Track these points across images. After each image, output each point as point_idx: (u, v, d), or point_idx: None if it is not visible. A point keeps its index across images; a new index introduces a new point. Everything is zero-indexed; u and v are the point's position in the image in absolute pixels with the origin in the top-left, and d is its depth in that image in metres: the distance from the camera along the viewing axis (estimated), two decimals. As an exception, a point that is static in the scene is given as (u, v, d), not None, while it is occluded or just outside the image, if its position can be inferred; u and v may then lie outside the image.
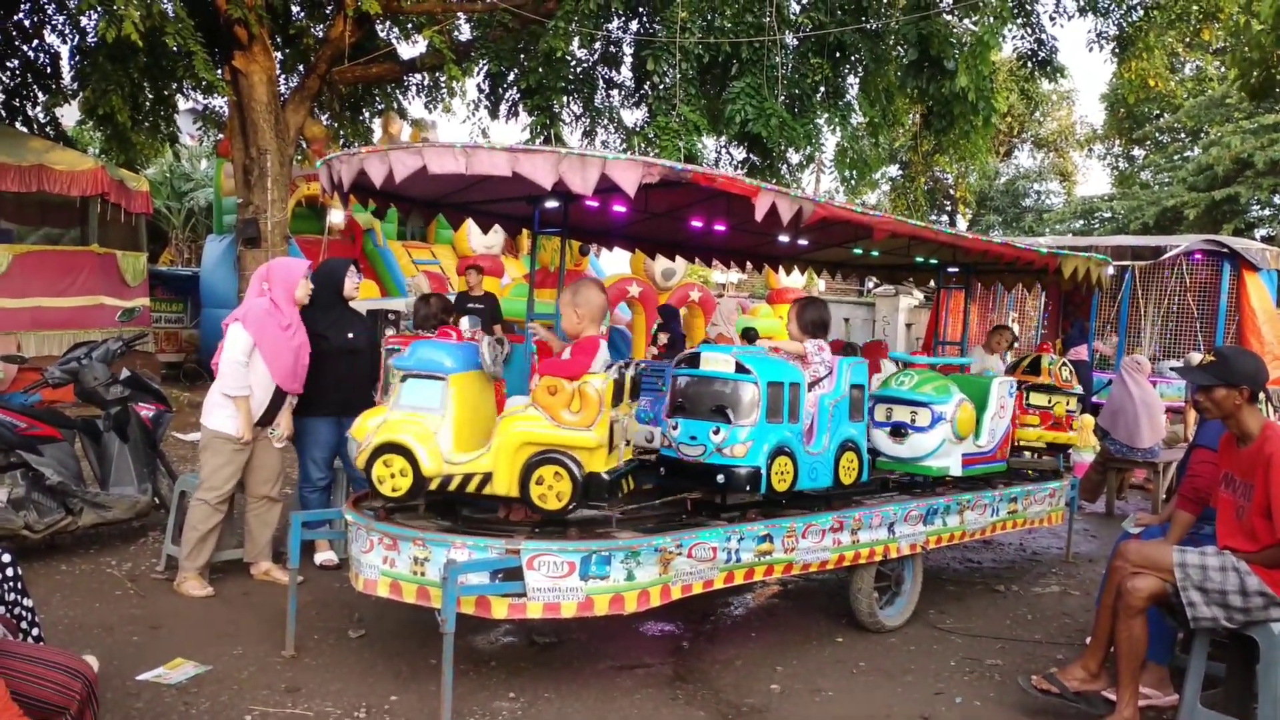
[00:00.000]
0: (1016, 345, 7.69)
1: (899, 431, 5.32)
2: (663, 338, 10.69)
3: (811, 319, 5.02)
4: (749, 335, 14.68)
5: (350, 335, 5.58)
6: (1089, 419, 9.37)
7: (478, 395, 4.18)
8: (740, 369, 4.33)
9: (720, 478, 4.23)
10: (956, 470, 5.37)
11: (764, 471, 4.24)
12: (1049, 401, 6.37)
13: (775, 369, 4.40)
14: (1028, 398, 6.35)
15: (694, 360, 4.52)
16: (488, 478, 3.92)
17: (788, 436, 4.38)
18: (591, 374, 3.96)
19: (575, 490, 3.84)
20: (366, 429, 3.99)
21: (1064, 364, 6.50)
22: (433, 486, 3.91)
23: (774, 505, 4.55)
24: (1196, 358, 8.48)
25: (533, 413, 3.91)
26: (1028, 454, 6.49)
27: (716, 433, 4.26)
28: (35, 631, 3.41)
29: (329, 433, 5.54)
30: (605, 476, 3.91)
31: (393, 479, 3.89)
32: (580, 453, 3.87)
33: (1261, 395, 5.53)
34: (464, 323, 5.60)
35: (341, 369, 5.44)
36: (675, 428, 4.42)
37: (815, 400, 4.67)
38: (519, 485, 3.87)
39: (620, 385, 4.11)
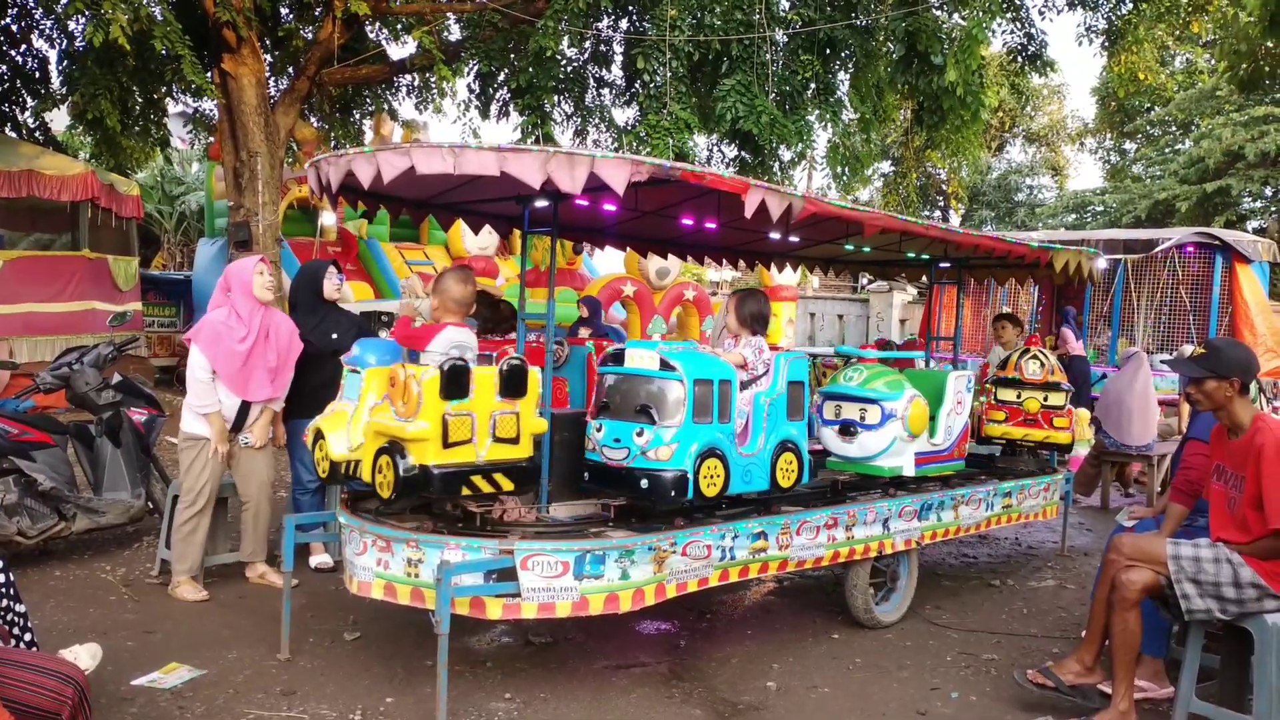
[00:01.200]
0: (1023, 334, 7.42)
1: (848, 430, 5.13)
2: (584, 332, 9.65)
3: (751, 312, 4.84)
4: None
5: (334, 336, 5.56)
6: (1084, 413, 9.38)
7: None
8: (665, 366, 4.12)
9: (644, 483, 4.03)
10: (909, 470, 5.18)
11: (691, 475, 4.02)
12: (1017, 397, 6.32)
13: (703, 365, 4.20)
14: (996, 393, 6.40)
15: (620, 358, 4.34)
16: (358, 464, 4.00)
17: (718, 438, 4.17)
18: (419, 365, 3.86)
19: (397, 482, 3.71)
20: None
21: (1034, 355, 6.38)
22: (342, 471, 4.05)
23: (706, 511, 4.34)
24: (1189, 350, 8.51)
25: (384, 403, 3.90)
26: (1028, 452, 6.50)
27: (640, 434, 4.05)
28: (28, 638, 3.41)
29: None
30: (435, 470, 3.73)
31: (320, 462, 4.11)
32: (408, 445, 3.73)
33: (1254, 387, 5.54)
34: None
35: (327, 371, 5.41)
36: (599, 430, 4.24)
37: (750, 399, 4.47)
38: (370, 473, 3.88)
39: (460, 378, 3.80)
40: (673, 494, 4.02)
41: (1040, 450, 6.49)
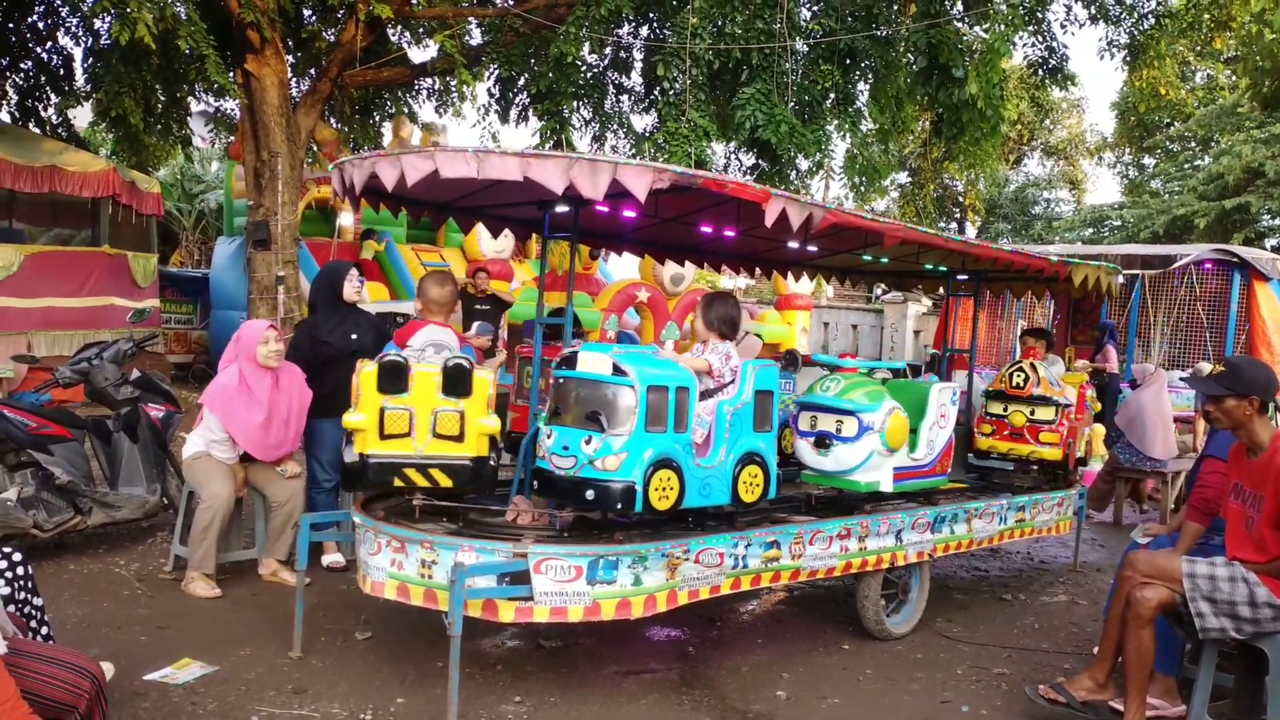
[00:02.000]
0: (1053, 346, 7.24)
1: (823, 442, 4.83)
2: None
3: (719, 316, 4.55)
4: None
5: (354, 337, 5.59)
6: (1099, 429, 9.34)
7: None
8: (617, 370, 3.89)
9: (590, 493, 3.83)
10: (887, 486, 4.90)
11: (640, 487, 3.81)
12: (1004, 410, 6.23)
13: (659, 371, 3.96)
14: (986, 406, 6.36)
15: (574, 360, 4.16)
16: None
17: (673, 448, 3.93)
18: (365, 362, 4.09)
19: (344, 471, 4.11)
20: None
21: (1020, 368, 6.29)
22: None
23: (654, 526, 4.17)
24: (1206, 368, 8.45)
25: None
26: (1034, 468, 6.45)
27: (588, 442, 3.85)
28: (45, 630, 3.44)
29: (334, 434, 5.55)
30: (370, 459, 3.97)
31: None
32: (354, 434, 4.03)
33: (1271, 406, 5.48)
34: (475, 327, 5.64)
35: (345, 372, 5.43)
36: (549, 436, 4.05)
37: (713, 408, 4.22)
38: None
39: (395, 374, 3.97)
40: (619, 506, 3.82)
41: (1032, 466, 6.38)
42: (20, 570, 3.36)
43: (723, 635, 5.14)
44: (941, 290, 7.54)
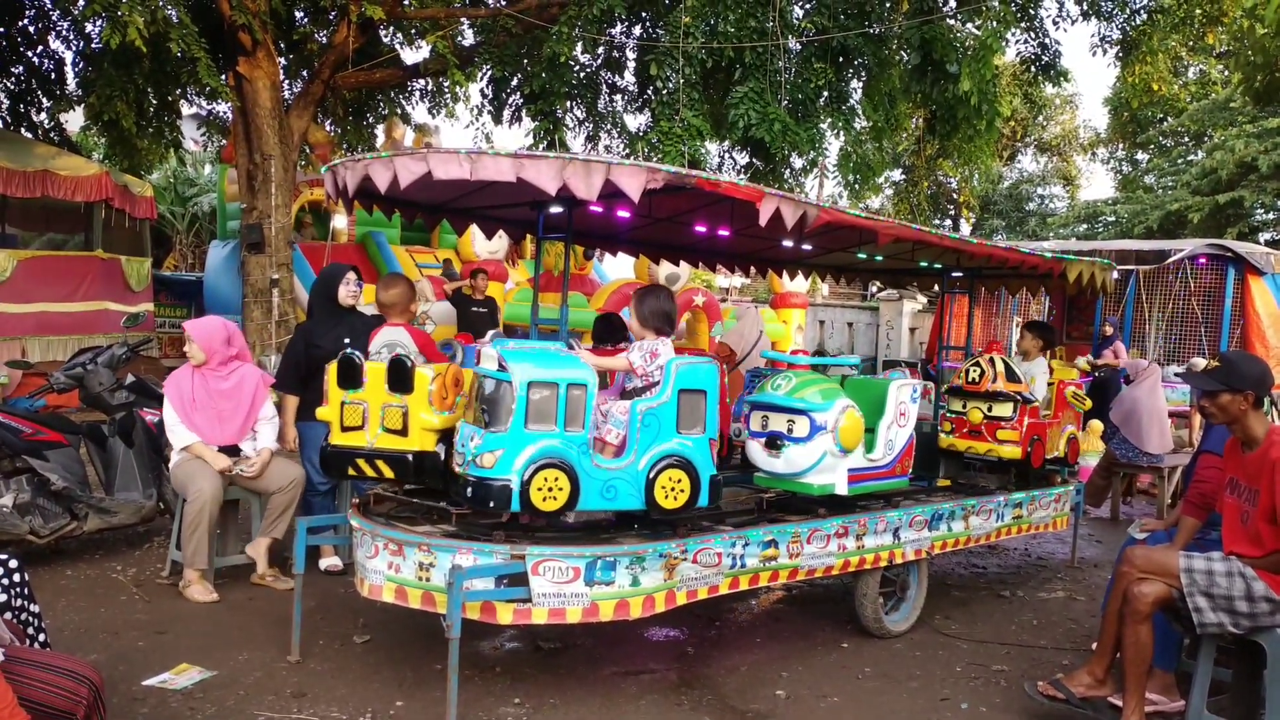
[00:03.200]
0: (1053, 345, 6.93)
1: (774, 443, 4.64)
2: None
3: (650, 310, 4.37)
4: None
5: (346, 341, 5.56)
6: (1096, 425, 9.35)
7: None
8: (501, 366, 3.81)
9: (470, 490, 3.75)
10: (841, 489, 4.68)
11: (518, 486, 3.69)
12: (963, 407, 6.01)
13: (546, 367, 3.80)
14: (950, 403, 6.16)
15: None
16: None
17: (560, 447, 3.77)
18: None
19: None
20: None
21: (977, 363, 6.00)
22: None
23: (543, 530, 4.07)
24: (1200, 363, 8.47)
25: None
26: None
27: (473, 439, 3.81)
28: (42, 637, 3.42)
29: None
30: (329, 449, 4.28)
31: None
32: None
33: (1266, 400, 5.47)
34: (489, 336, 5.67)
35: None
36: (456, 432, 4.05)
37: (627, 408, 4.04)
38: None
39: (350, 370, 4.19)
40: (494, 504, 3.73)
41: (991, 464, 6.09)
42: (17, 577, 3.35)
43: (721, 635, 5.14)
44: (937, 287, 7.54)
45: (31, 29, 13.21)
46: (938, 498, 5.50)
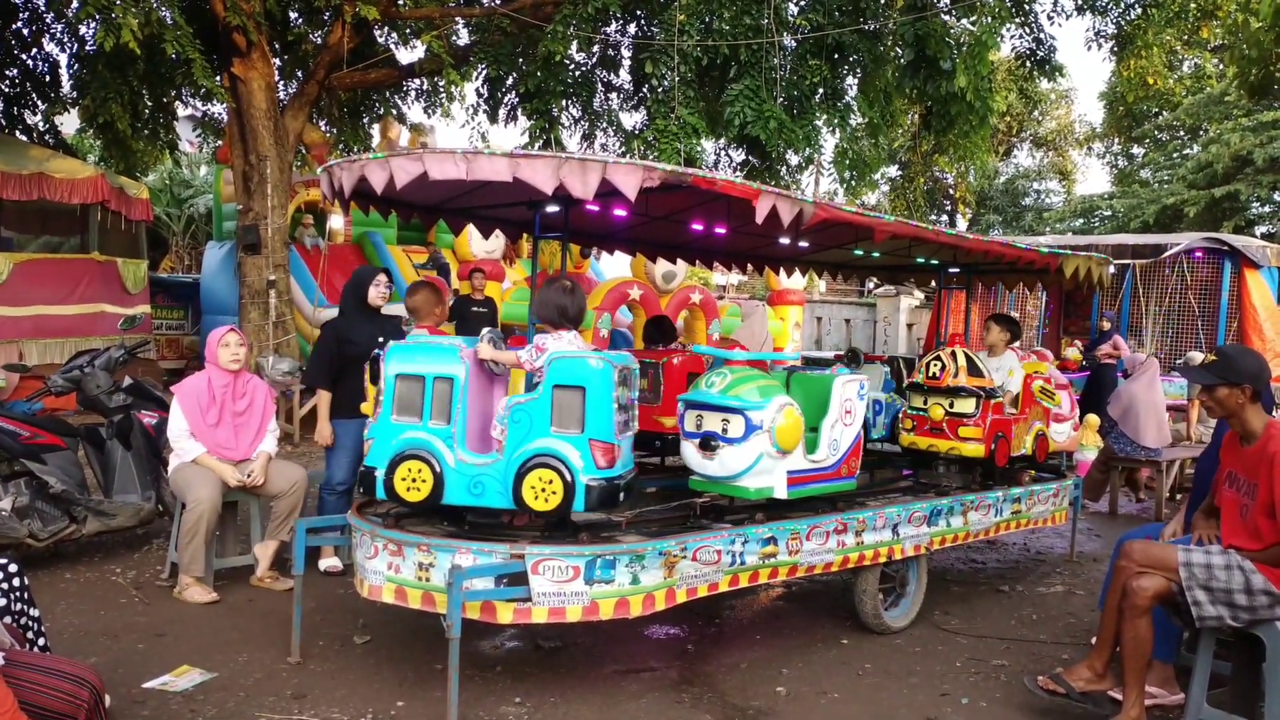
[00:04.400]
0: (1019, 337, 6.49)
1: (708, 444, 4.33)
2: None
3: (541, 302, 4.24)
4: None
5: (380, 340, 5.57)
6: (1093, 419, 9.37)
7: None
8: (376, 360, 4.02)
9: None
10: (780, 492, 4.40)
11: (381, 475, 3.84)
12: (924, 403, 5.71)
13: (416, 360, 3.90)
14: (910, 399, 5.90)
15: None
16: None
17: (423, 439, 3.84)
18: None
19: None
20: None
21: (938, 357, 5.71)
22: None
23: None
24: (1198, 357, 8.46)
25: None
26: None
27: (365, 430, 4.07)
28: (42, 641, 3.42)
29: (354, 436, 5.60)
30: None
31: None
32: None
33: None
34: (484, 333, 5.68)
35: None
36: None
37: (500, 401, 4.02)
38: None
39: (376, 368, 4.17)
40: (363, 491, 3.93)
41: (958, 462, 5.81)
42: (16, 581, 3.35)
43: (721, 632, 5.14)
44: (934, 283, 7.54)
45: (26, 31, 13.20)
46: (904, 498, 5.34)
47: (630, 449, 4.09)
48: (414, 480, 3.84)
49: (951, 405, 5.57)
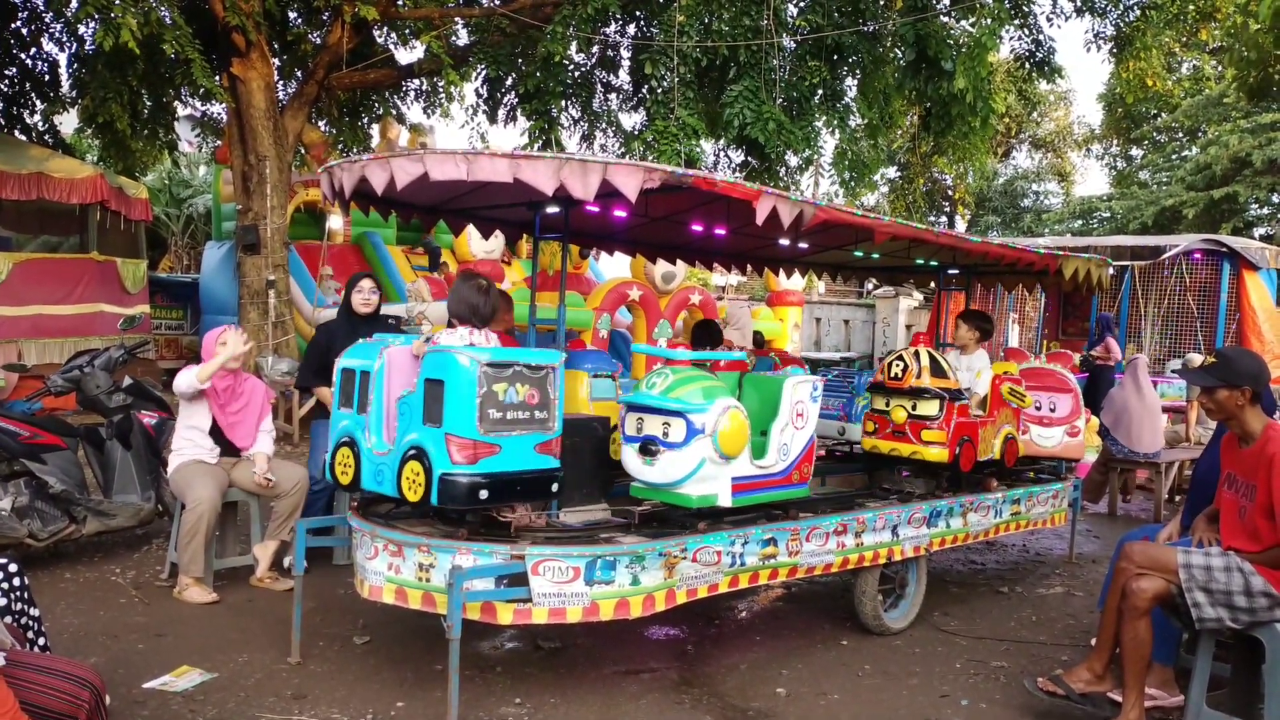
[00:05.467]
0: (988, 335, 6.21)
1: (648, 449, 4.13)
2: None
3: (453, 299, 4.25)
4: (756, 340, 14.68)
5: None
6: (1092, 420, 9.37)
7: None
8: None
9: None
10: (725, 500, 4.20)
11: (329, 460, 4.19)
12: (886, 405, 5.46)
13: (357, 356, 4.16)
14: (872, 401, 5.64)
15: None
16: None
17: (353, 428, 4.09)
18: None
19: None
20: None
21: (900, 357, 5.45)
22: None
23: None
24: (1197, 359, 8.45)
25: None
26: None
27: None
28: (42, 641, 3.42)
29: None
30: None
31: None
32: None
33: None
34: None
35: None
36: None
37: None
38: None
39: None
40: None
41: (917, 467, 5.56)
42: (16, 581, 3.35)
43: (721, 633, 5.14)
44: (933, 284, 7.55)
45: (25, 31, 13.18)
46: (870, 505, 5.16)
47: (532, 449, 3.93)
48: (344, 466, 4.10)
49: (914, 407, 5.33)
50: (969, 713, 4.22)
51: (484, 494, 3.76)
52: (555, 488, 3.96)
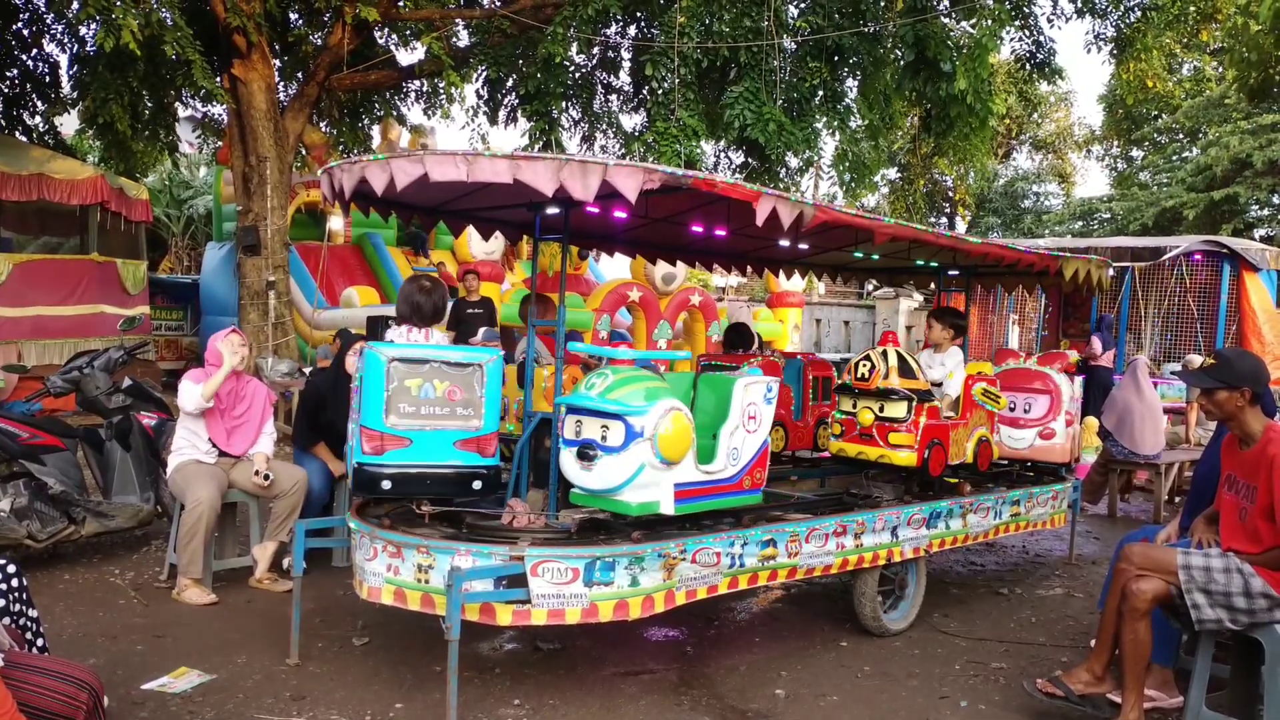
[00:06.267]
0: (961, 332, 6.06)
1: (586, 453, 3.95)
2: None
3: (400, 297, 4.36)
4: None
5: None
6: (1092, 421, 9.36)
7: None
8: None
9: None
10: (667, 507, 4.00)
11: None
12: (853, 407, 5.26)
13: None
14: (840, 402, 5.45)
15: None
16: None
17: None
18: None
19: None
20: None
21: (867, 357, 5.25)
22: None
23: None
24: (1196, 360, 8.44)
25: None
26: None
27: None
28: (40, 642, 3.42)
29: (322, 472, 5.95)
30: None
31: None
32: None
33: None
34: (481, 334, 5.76)
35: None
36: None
37: None
38: None
39: None
40: None
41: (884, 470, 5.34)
42: (15, 582, 3.34)
43: (720, 635, 5.14)
44: (933, 285, 7.55)
45: (26, 32, 13.20)
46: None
47: (450, 444, 4.00)
48: None
49: (881, 409, 5.13)
50: (968, 714, 4.21)
51: (386, 484, 3.92)
52: (478, 485, 4.00)
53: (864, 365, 5.21)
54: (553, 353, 6.15)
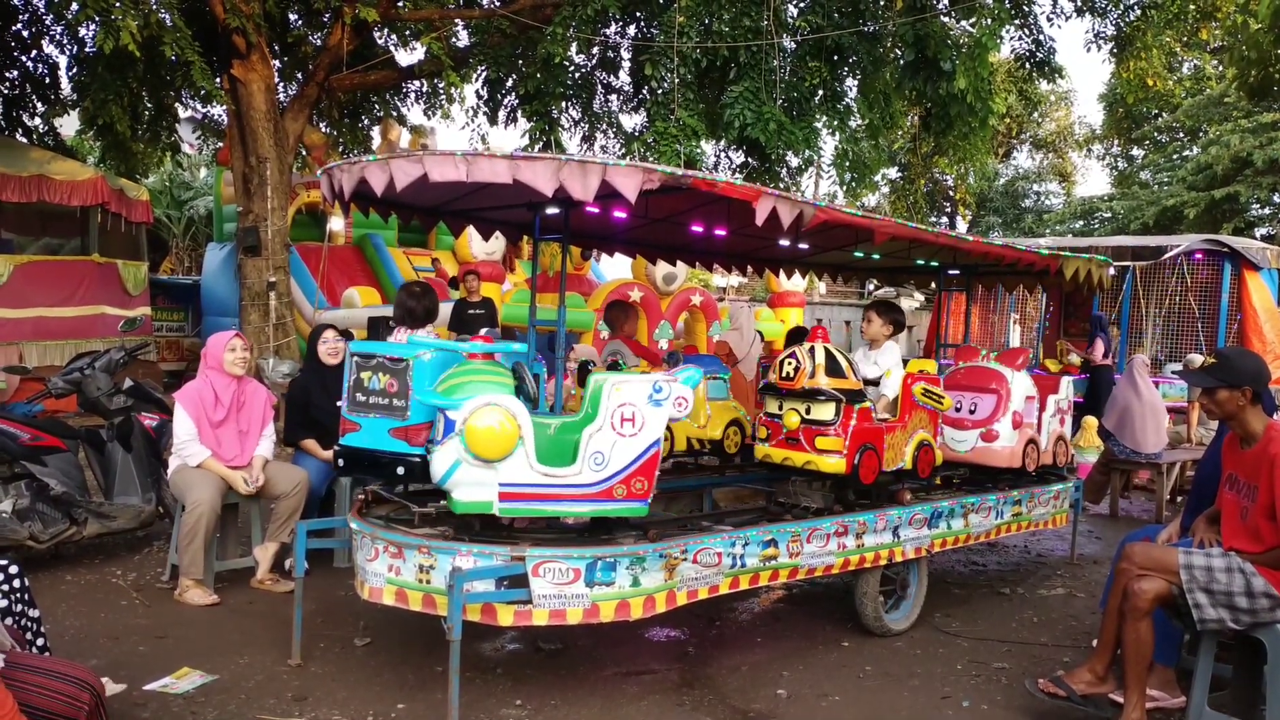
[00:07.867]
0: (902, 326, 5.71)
1: (429, 447, 3.96)
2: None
3: (394, 303, 5.21)
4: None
5: (339, 404, 5.43)
6: (1092, 420, 9.36)
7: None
8: None
9: None
10: (494, 507, 3.82)
11: None
12: (779, 409, 4.86)
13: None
14: (765, 404, 5.03)
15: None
16: None
17: None
18: None
19: None
20: None
21: (792, 354, 4.86)
22: None
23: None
24: (1197, 359, 8.45)
25: None
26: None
27: None
28: (41, 642, 3.42)
29: (319, 469, 5.92)
30: None
31: None
32: None
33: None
34: (482, 334, 5.74)
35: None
36: None
37: None
38: None
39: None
40: None
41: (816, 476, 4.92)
42: (17, 583, 3.35)
43: (722, 635, 5.14)
44: (934, 285, 7.54)
45: (25, 33, 13.19)
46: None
47: (385, 432, 4.12)
48: None
49: (808, 411, 4.71)
50: (970, 714, 4.21)
51: (340, 462, 4.35)
52: (401, 470, 4.11)
53: (789, 363, 4.81)
54: (637, 354, 6.31)
